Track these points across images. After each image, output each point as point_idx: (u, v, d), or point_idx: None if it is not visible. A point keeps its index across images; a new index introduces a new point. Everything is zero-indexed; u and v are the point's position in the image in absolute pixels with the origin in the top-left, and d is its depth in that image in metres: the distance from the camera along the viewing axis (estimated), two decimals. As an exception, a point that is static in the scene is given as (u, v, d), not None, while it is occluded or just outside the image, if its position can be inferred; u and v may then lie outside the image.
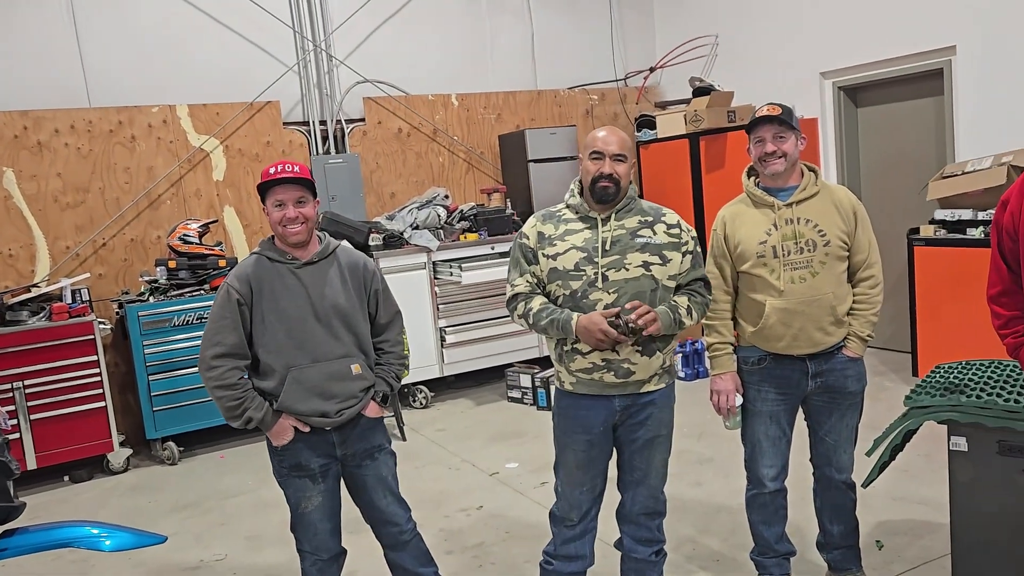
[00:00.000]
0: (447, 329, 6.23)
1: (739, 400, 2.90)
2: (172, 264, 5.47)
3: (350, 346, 2.71)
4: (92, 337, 5.10)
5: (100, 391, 5.13)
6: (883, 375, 5.75)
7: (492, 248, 6.35)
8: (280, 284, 2.63)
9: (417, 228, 6.23)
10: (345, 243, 2.93)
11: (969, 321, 4.96)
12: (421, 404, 6.16)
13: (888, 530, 3.55)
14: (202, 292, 5.45)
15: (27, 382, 4.91)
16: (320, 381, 2.64)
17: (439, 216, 6.34)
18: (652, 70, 7.89)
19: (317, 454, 2.69)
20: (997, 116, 5.38)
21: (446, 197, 6.59)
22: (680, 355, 6.11)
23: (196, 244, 5.52)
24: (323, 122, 6.57)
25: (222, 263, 5.56)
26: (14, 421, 4.83)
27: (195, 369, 5.19)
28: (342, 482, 2.81)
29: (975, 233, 5.14)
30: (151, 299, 5.38)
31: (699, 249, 2.74)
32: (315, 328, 2.64)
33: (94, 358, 5.10)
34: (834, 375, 2.84)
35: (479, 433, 5.46)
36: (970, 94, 5.57)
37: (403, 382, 5.89)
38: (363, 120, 6.73)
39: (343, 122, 6.64)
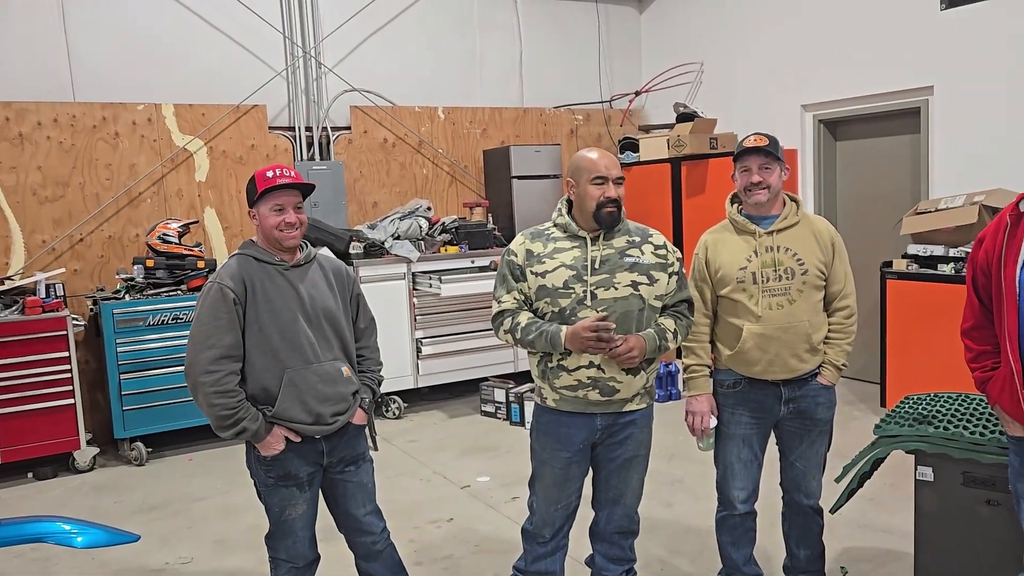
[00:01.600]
0: (423, 340, 6.23)
1: (713, 422, 2.95)
2: (150, 263, 5.43)
3: (337, 350, 2.71)
4: (64, 333, 5.03)
5: (70, 388, 5.06)
6: (852, 404, 5.84)
7: (472, 262, 6.38)
8: (272, 284, 2.61)
9: (398, 238, 6.24)
10: (324, 249, 2.95)
11: (937, 354, 5.06)
12: (394, 414, 6.15)
13: (853, 557, 3.60)
14: (179, 292, 5.42)
15: (-4, 375, 4.84)
16: (315, 383, 2.61)
17: (421, 227, 6.36)
18: (637, 93, 8.00)
19: (307, 462, 2.66)
20: (971, 156, 5.53)
21: (428, 209, 6.61)
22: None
23: (175, 244, 5.49)
24: (309, 128, 6.57)
25: (200, 264, 5.53)
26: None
27: (167, 370, 5.24)
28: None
29: (946, 269, 5.25)
30: (127, 297, 5.34)
31: (684, 270, 2.79)
32: (306, 330, 2.62)
33: (65, 354, 5.04)
34: (806, 401, 2.89)
35: (451, 446, 5.46)
36: (945, 133, 5.71)
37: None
38: (349, 128, 6.74)
39: (329, 129, 6.65)
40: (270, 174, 2.61)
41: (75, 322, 5.18)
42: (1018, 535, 2.42)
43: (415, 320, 6.19)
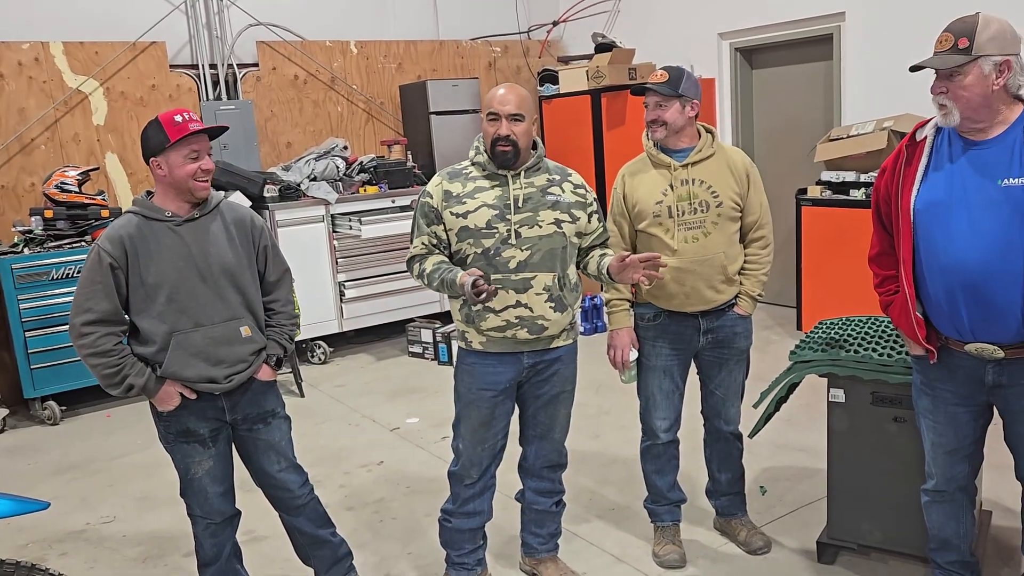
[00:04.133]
0: (346, 284, 6.12)
1: (634, 355, 2.98)
2: (49, 213, 5.15)
3: (238, 307, 2.57)
4: (-40, 291, 4.76)
5: (-30, 349, 4.82)
6: (770, 329, 6.03)
7: (393, 201, 6.25)
8: (157, 244, 2.45)
9: (315, 180, 6.06)
10: (231, 198, 2.79)
11: (850, 278, 5.23)
12: (320, 360, 6.06)
13: (771, 476, 3.75)
14: (83, 244, 5.16)
15: None
16: (206, 346, 2.49)
17: (338, 168, 6.18)
18: (555, 24, 7.85)
19: (205, 419, 2.56)
20: (881, 82, 5.63)
21: (345, 148, 6.43)
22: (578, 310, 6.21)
23: (75, 193, 5.20)
24: (213, 66, 6.25)
25: (105, 213, 5.26)
26: None
27: (77, 325, 5.00)
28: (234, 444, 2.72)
29: (857, 194, 5.39)
30: (26, 251, 5.06)
31: (601, 208, 2.81)
32: (199, 289, 2.49)
33: (-37, 314, 4.78)
34: (724, 331, 2.94)
35: (379, 388, 5.43)
36: (857, 60, 5.79)
37: (301, 337, 5.73)
38: (256, 65, 6.44)
39: (235, 67, 6.34)
40: (179, 119, 2.41)
41: (-29, 279, 4.90)
42: (922, 449, 2.54)
43: (336, 263, 6.07)
